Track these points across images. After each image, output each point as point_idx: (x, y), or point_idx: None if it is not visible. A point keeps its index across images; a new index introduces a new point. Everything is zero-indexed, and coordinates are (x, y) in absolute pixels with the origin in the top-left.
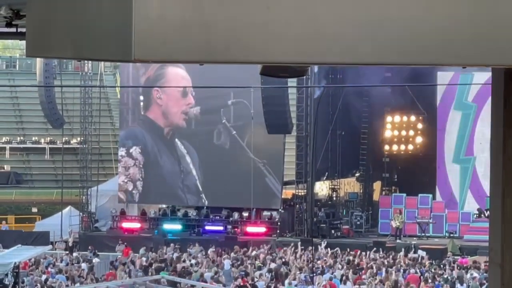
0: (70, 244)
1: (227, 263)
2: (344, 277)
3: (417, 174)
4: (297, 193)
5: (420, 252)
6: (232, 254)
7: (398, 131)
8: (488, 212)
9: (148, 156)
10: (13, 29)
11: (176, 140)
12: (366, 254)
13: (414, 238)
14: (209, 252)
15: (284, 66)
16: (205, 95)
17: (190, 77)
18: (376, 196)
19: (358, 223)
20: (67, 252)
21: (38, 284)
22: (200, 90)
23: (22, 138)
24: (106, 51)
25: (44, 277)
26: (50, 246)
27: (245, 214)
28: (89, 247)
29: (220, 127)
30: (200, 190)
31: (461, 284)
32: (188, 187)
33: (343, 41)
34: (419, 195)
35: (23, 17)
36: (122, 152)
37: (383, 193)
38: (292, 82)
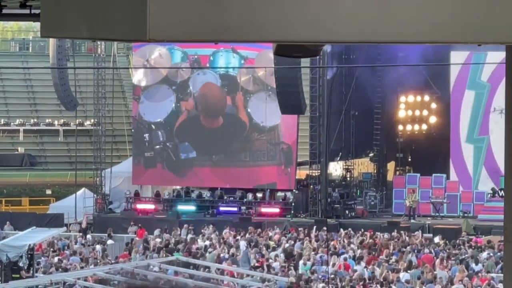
0: (84, 226)
1: (243, 244)
2: (358, 258)
3: (431, 154)
4: (311, 174)
5: (435, 239)
6: (247, 235)
7: (412, 111)
8: (502, 191)
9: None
10: (26, 11)
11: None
12: (380, 234)
13: (428, 218)
14: (223, 233)
15: (298, 46)
16: None
17: None
18: (390, 176)
19: (372, 203)
20: (82, 234)
21: (53, 266)
22: None
23: (35, 120)
24: (121, 31)
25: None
26: (64, 228)
27: (259, 195)
28: (109, 229)
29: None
30: (214, 172)
31: (476, 264)
32: (202, 168)
33: (358, 20)
34: (433, 175)
35: None
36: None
37: (397, 173)
38: (305, 62)
